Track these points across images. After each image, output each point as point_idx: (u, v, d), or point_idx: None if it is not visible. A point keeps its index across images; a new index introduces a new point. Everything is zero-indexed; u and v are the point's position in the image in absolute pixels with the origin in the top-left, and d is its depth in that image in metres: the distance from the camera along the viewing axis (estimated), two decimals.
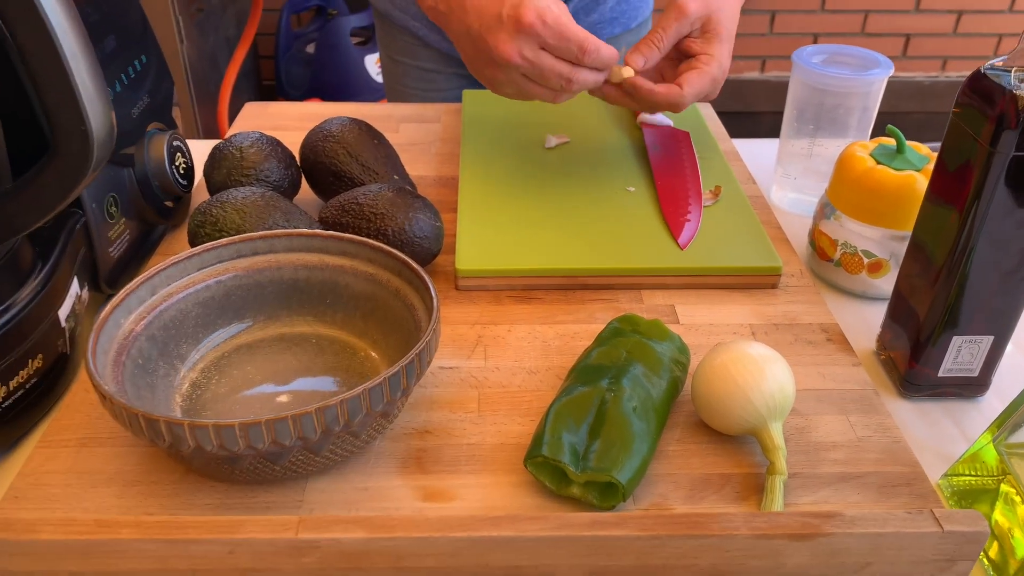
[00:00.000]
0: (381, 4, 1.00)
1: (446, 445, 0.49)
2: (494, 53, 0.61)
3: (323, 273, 0.55)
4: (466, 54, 0.66)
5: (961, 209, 0.49)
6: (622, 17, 0.99)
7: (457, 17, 0.65)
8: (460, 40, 0.66)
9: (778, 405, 0.47)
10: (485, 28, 0.62)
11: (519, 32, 0.60)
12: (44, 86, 0.42)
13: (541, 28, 0.60)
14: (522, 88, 0.64)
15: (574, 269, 0.61)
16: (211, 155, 0.67)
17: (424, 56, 0.99)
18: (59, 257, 0.54)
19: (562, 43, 0.61)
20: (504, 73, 0.63)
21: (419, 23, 0.96)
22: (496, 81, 0.64)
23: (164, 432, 0.40)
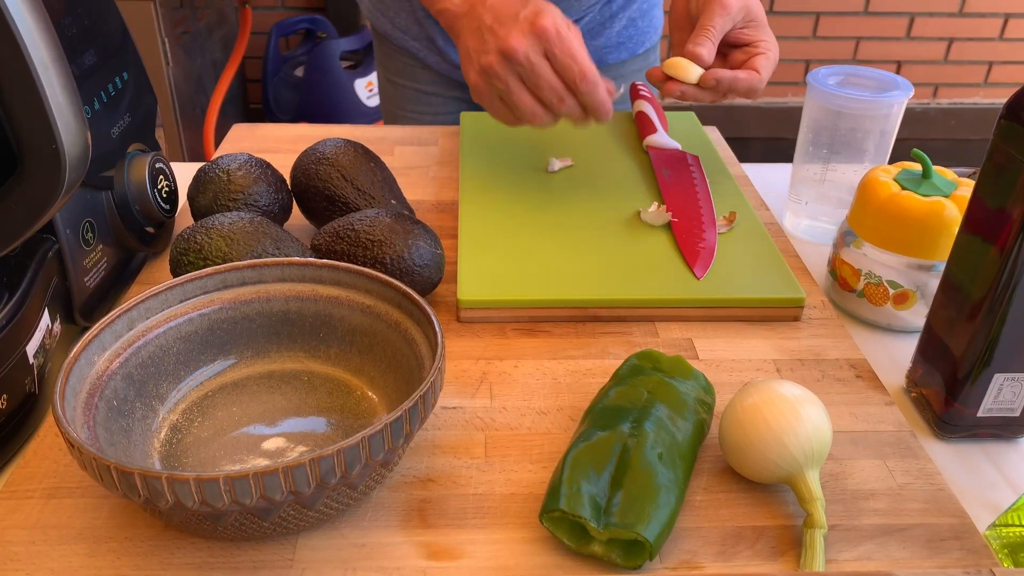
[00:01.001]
0: (380, 25, 0.97)
1: (451, 495, 0.44)
2: (503, 44, 0.60)
3: (316, 305, 0.51)
4: (468, 51, 0.64)
5: (1003, 244, 0.46)
6: (629, 42, 0.96)
7: (473, 14, 0.64)
8: (466, 38, 0.64)
9: (815, 451, 0.43)
10: (499, 23, 0.62)
11: (532, 32, 0.60)
12: (11, 100, 0.38)
13: (554, 37, 0.60)
14: (510, 89, 0.62)
15: (584, 300, 0.58)
16: (196, 178, 0.63)
17: (423, 78, 0.96)
18: (28, 287, 0.49)
19: (567, 60, 0.60)
20: (502, 66, 0.61)
21: (418, 44, 0.94)
22: (488, 72, 0.62)
23: (139, 486, 0.36)
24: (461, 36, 0.65)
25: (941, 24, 2.31)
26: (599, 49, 0.95)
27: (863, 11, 2.28)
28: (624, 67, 0.97)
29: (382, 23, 0.96)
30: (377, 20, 0.97)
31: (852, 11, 2.28)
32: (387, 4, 0.94)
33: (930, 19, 2.31)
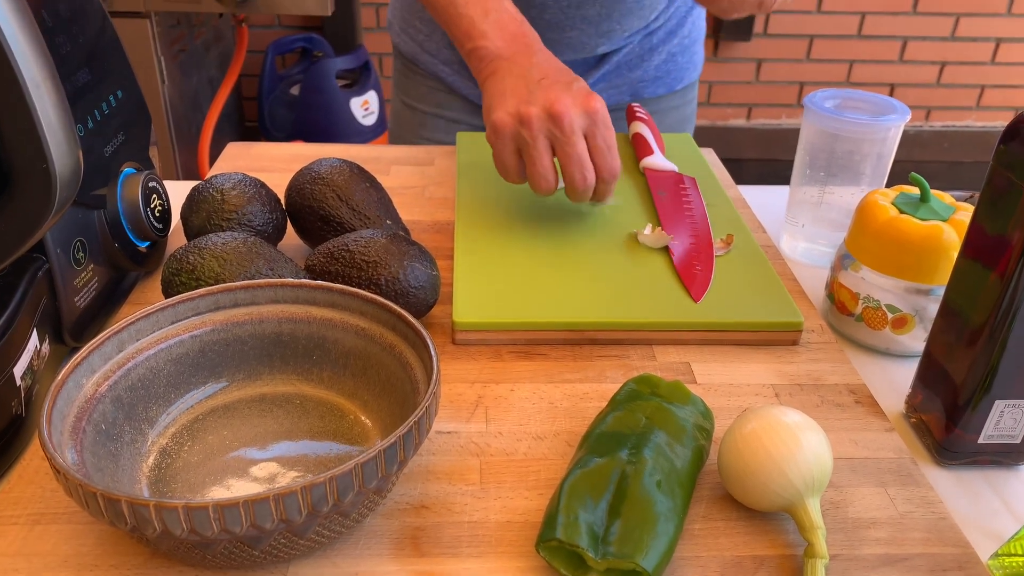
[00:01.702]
0: (407, 48, 0.96)
1: (445, 523, 0.43)
2: (553, 104, 0.60)
3: (309, 327, 0.50)
4: (504, 91, 0.63)
5: (1003, 270, 0.46)
6: (667, 77, 0.95)
7: (519, 62, 0.65)
8: (504, 79, 0.64)
9: (816, 479, 0.42)
10: (549, 83, 0.62)
11: (583, 108, 0.61)
12: (2, 120, 0.37)
13: (601, 121, 0.61)
14: (536, 145, 0.62)
15: (581, 323, 0.57)
16: (189, 197, 0.62)
17: (448, 104, 0.95)
18: (17, 307, 0.48)
19: (604, 147, 0.62)
20: (540, 121, 0.61)
21: (449, 68, 0.92)
22: (523, 119, 0.61)
23: (127, 514, 0.35)
24: (498, 75, 0.65)
25: (934, 48, 2.33)
26: (636, 82, 0.94)
27: (856, 34, 2.30)
28: (660, 102, 0.96)
29: (410, 46, 0.95)
30: (404, 43, 0.96)
31: (846, 34, 2.30)
32: (417, 27, 0.93)
33: (923, 43, 2.33)
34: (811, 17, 2.27)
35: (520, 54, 0.66)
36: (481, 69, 0.68)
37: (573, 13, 0.85)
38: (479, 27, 0.68)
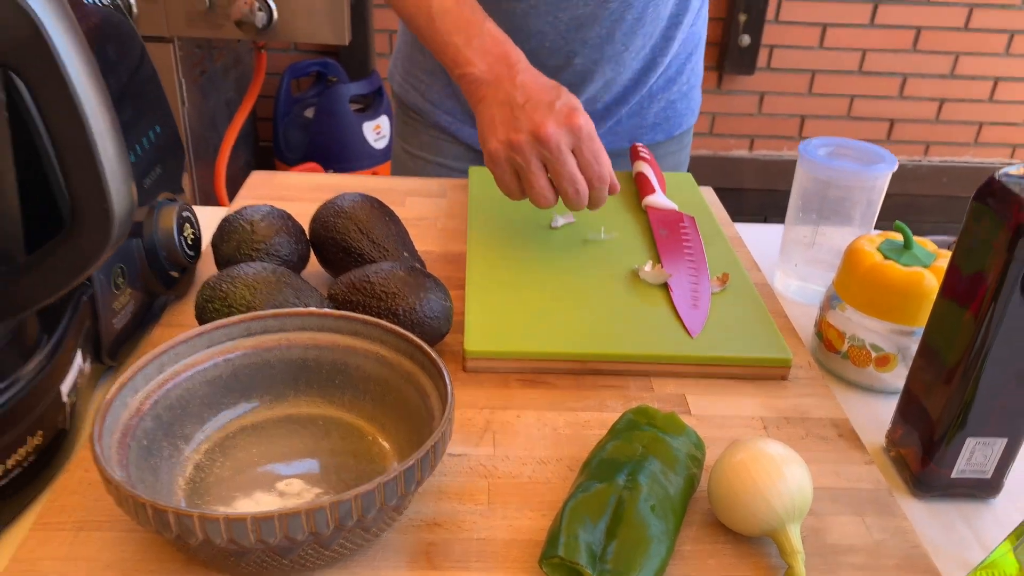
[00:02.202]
0: (411, 99, 0.99)
1: (456, 539, 0.47)
2: (537, 128, 0.65)
3: (333, 353, 0.54)
4: (493, 119, 0.68)
5: (976, 311, 0.50)
6: (666, 124, 0.98)
7: (502, 86, 0.69)
8: (492, 107, 0.69)
9: (796, 507, 0.46)
10: (533, 106, 0.66)
11: (567, 126, 0.65)
12: (70, 166, 0.41)
13: (586, 136, 0.65)
14: (531, 168, 0.66)
15: (584, 354, 0.61)
16: (220, 227, 0.66)
17: (451, 152, 0.98)
18: (65, 330, 0.52)
19: (591, 159, 0.66)
20: (530, 146, 0.65)
21: (451, 117, 0.96)
22: (515, 146, 0.66)
23: (172, 523, 0.39)
24: (485, 103, 0.69)
25: (933, 85, 2.39)
26: (635, 129, 0.97)
27: (857, 70, 2.35)
28: (657, 148, 0.99)
29: (413, 97, 0.98)
30: (407, 94, 0.99)
31: (847, 70, 2.35)
32: (419, 78, 0.96)
33: (922, 80, 2.38)
34: (813, 53, 2.32)
35: (503, 78, 0.69)
36: (470, 94, 0.72)
37: (573, 37, 0.86)
38: (464, 54, 0.71)
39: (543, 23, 0.85)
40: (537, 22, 0.85)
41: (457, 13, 0.73)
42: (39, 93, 0.39)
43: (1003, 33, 2.32)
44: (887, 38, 2.31)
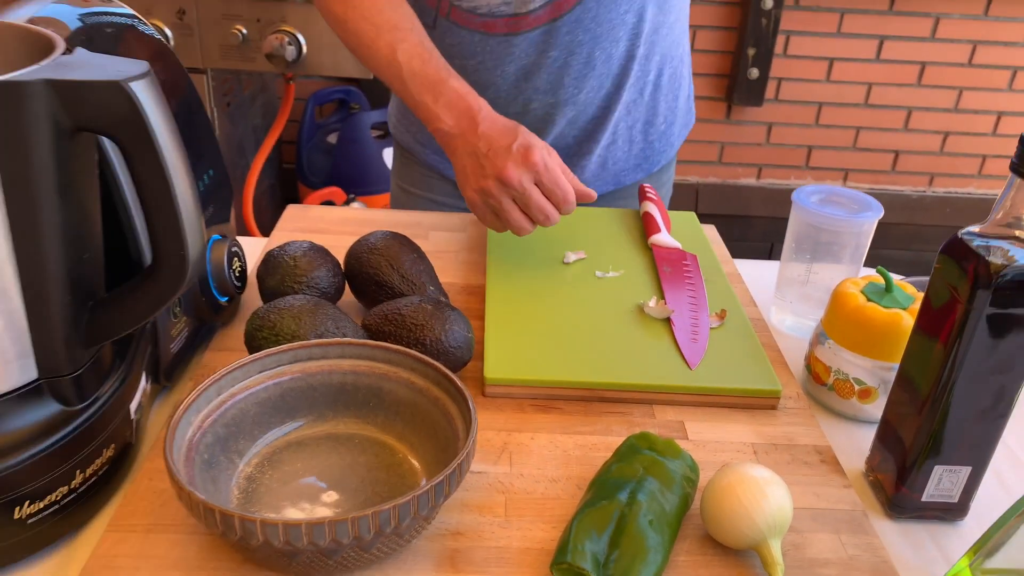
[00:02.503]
0: (403, 139, 1.08)
1: (476, 547, 0.54)
2: (500, 172, 0.74)
3: (369, 379, 0.61)
4: (464, 169, 0.78)
5: (943, 352, 0.56)
6: (645, 163, 1.05)
7: (467, 139, 0.77)
8: (462, 158, 0.78)
9: (777, 524, 0.52)
10: (494, 153, 0.75)
11: (525, 164, 0.74)
12: (155, 218, 0.48)
13: (543, 169, 0.74)
14: (504, 208, 0.76)
15: (592, 383, 0.67)
16: (265, 261, 0.73)
17: (439, 189, 1.07)
18: (134, 356, 0.59)
19: (553, 187, 0.75)
20: (498, 190, 0.75)
21: (438, 156, 1.04)
22: (486, 192, 0.76)
23: (237, 527, 0.46)
24: (457, 155, 0.78)
25: (937, 118, 2.45)
26: (618, 173, 1.04)
27: (863, 103, 2.42)
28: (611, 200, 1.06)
29: (406, 138, 1.07)
30: (401, 135, 1.08)
31: (853, 103, 2.42)
32: (411, 120, 1.05)
33: (927, 113, 2.44)
34: (820, 85, 2.39)
35: (468, 130, 0.77)
36: (444, 147, 0.80)
37: (523, 86, 0.94)
38: (434, 111, 0.79)
39: (493, 76, 0.93)
40: (488, 76, 0.93)
41: (424, 74, 0.80)
42: (134, 159, 0.47)
43: (1006, 69, 2.38)
44: (892, 73, 2.38)
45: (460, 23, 0.90)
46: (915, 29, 2.32)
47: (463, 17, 0.90)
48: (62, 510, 0.53)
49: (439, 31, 0.91)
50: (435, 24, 0.91)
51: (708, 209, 2.44)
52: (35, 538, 0.52)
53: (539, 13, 0.88)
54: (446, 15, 0.90)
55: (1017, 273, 0.52)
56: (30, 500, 0.50)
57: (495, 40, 0.90)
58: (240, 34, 1.61)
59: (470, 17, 0.89)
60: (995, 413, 0.57)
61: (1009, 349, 0.54)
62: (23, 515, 0.50)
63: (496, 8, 0.88)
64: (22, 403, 0.51)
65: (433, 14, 0.90)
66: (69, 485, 0.52)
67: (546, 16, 0.89)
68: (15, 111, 0.44)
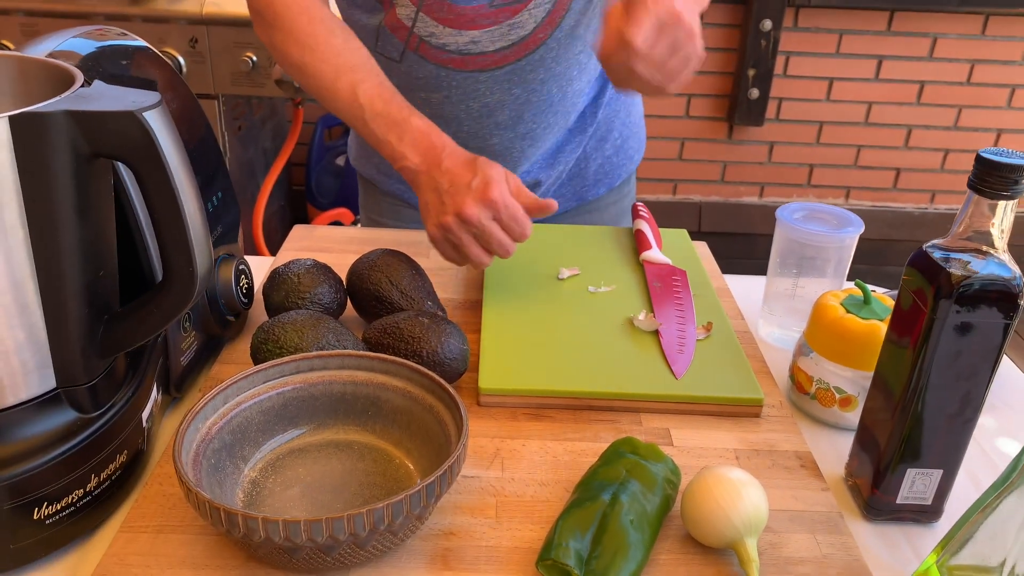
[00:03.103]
0: (367, 172, 1.11)
1: (468, 546, 0.57)
2: (459, 209, 0.75)
3: (367, 388, 0.64)
4: (427, 205, 0.79)
5: (912, 359, 0.59)
6: (606, 178, 1.10)
7: (431, 175, 0.79)
8: (426, 193, 0.79)
9: (753, 523, 0.55)
10: (455, 189, 0.77)
11: (482, 202, 0.75)
12: (166, 236, 0.52)
13: (501, 206, 0.75)
14: (464, 243, 0.77)
15: (582, 392, 0.70)
16: (271, 278, 0.77)
17: (407, 216, 1.10)
18: (146, 367, 0.63)
19: (511, 223, 0.77)
20: (458, 226, 0.76)
21: (402, 186, 1.08)
22: (446, 228, 0.77)
23: (241, 524, 0.49)
24: (421, 190, 0.80)
25: (937, 136, 2.48)
26: (579, 189, 1.08)
27: (863, 122, 2.45)
28: (601, 201, 1.11)
29: (367, 169, 1.11)
30: (363, 166, 1.11)
31: (853, 121, 2.45)
32: (370, 152, 1.08)
33: (927, 131, 2.47)
34: (820, 105, 2.43)
35: (432, 166, 0.79)
36: (410, 183, 0.82)
37: (486, 121, 0.97)
38: (399, 149, 0.81)
39: (458, 110, 0.97)
40: (453, 109, 0.97)
41: (387, 114, 0.81)
42: (146, 182, 0.50)
43: (1005, 87, 2.41)
44: (892, 92, 2.41)
45: (428, 58, 0.93)
46: (913, 49, 2.36)
47: (431, 53, 0.92)
48: (78, 512, 0.56)
49: (405, 64, 0.94)
50: (402, 57, 0.94)
51: (711, 227, 2.47)
52: (53, 538, 0.55)
53: (506, 52, 0.92)
54: (414, 49, 0.92)
55: (977, 283, 0.55)
56: (48, 502, 0.54)
57: (461, 76, 0.94)
58: (250, 61, 1.67)
59: (438, 53, 0.92)
60: (962, 418, 0.59)
61: (972, 356, 0.57)
62: (42, 516, 0.54)
63: (464, 47, 0.91)
64: (41, 410, 0.54)
65: (401, 48, 0.93)
66: (85, 488, 0.56)
67: (512, 56, 0.92)
68: (38, 140, 0.47)
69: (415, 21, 0.89)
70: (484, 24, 0.90)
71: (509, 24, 0.90)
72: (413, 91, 0.92)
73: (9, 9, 1.64)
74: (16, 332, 0.51)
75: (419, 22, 0.89)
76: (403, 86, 0.91)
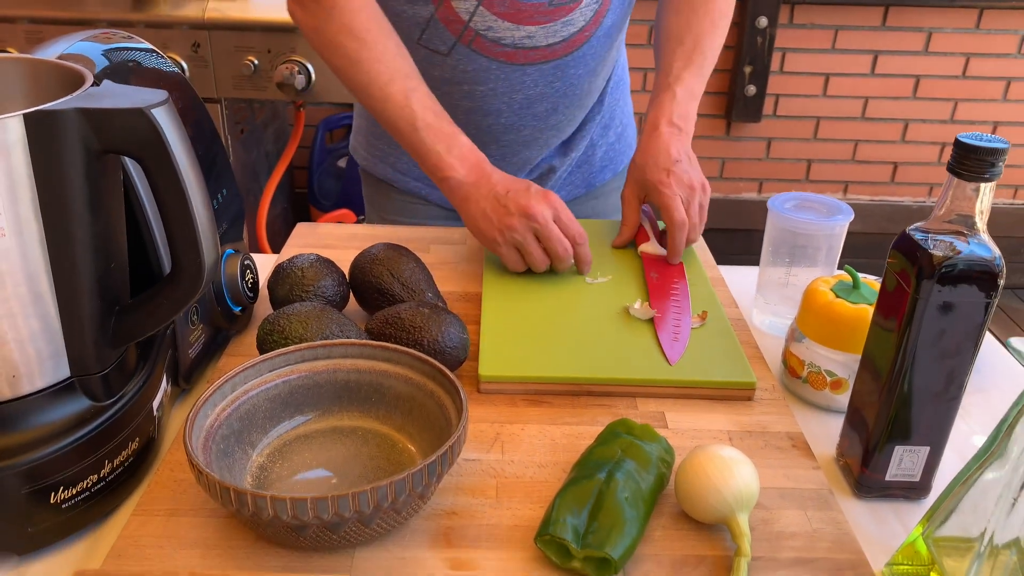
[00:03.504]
0: (379, 171, 1.12)
1: (470, 525, 0.59)
2: (526, 209, 0.81)
3: (370, 376, 0.66)
4: (483, 212, 0.84)
5: (897, 339, 0.61)
6: (611, 163, 1.14)
7: (482, 185, 0.85)
8: (479, 202, 0.85)
9: (744, 498, 0.57)
10: (514, 193, 0.83)
11: (544, 201, 0.82)
12: (174, 229, 0.54)
13: (561, 208, 0.82)
14: (527, 242, 0.83)
15: (579, 378, 0.72)
16: (275, 272, 0.79)
17: (423, 213, 1.12)
18: (155, 358, 0.65)
19: (570, 223, 0.83)
20: (523, 225, 0.81)
21: (421, 183, 1.09)
22: (510, 228, 0.83)
23: (249, 503, 0.51)
24: (471, 200, 0.85)
25: (934, 130, 2.49)
26: (587, 176, 1.12)
27: (860, 117, 2.47)
28: (606, 187, 1.15)
29: (381, 169, 1.11)
30: (374, 166, 1.12)
31: (850, 116, 2.47)
32: (386, 151, 1.09)
33: (923, 125, 2.49)
34: (817, 100, 2.44)
35: (482, 179, 0.85)
36: (453, 194, 0.87)
37: (525, 113, 1.01)
38: (446, 160, 0.86)
39: (500, 103, 1.00)
40: (495, 102, 0.99)
41: (438, 127, 0.86)
42: (155, 176, 0.52)
43: (1000, 80, 2.43)
44: (888, 86, 2.43)
45: (481, 51, 0.95)
46: (908, 43, 2.37)
47: (485, 46, 0.94)
48: (92, 497, 0.58)
49: (453, 58, 0.96)
50: (451, 51, 0.95)
51: (710, 224, 2.48)
52: (69, 522, 0.57)
53: (555, 47, 0.95)
54: (468, 43, 0.94)
55: (960, 264, 0.57)
56: (64, 487, 0.56)
57: (510, 69, 0.96)
58: (252, 64, 1.69)
59: (492, 47, 0.94)
60: (947, 395, 0.61)
61: (955, 334, 0.59)
62: (58, 500, 0.56)
63: (519, 41, 0.94)
64: (56, 399, 0.56)
65: (452, 41, 0.94)
66: (99, 474, 0.58)
67: (561, 51, 0.96)
68: (51, 137, 0.50)
69: (473, 15, 0.91)
70: (541, 20, 0.93)
71: (563, 21, 0.94)
72: (457, 84, 0.94)
73: (14, 17, 1.66)
74: (31, 322, 0.53)
75: (477, 16, 0.91)
76: (447, 79, 0.95)
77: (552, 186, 1.11)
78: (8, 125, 0.48)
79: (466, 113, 0.99)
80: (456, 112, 0.89)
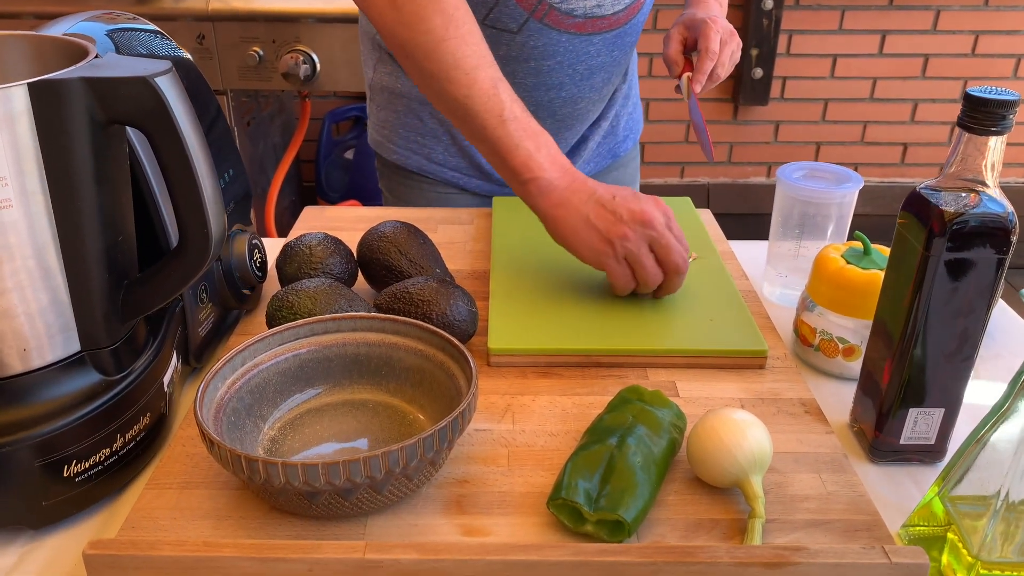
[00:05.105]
0: (412, 162, 1.08)
1: (482, 492, 0.58)
2: (641, 215, 0.73)
3: (380, 349, 0.66)
4: (587, 218, 0.75)
5: (909, 300, 0.60)
6: (631, 133, 1.15)
7: (579, 189, 0.76)
8: (581, 208, 0.75)
9: (757, 460, 0.56)
10: (622, 198, 0.74)
11: (658, 207, 0.74)
12: (180, 200, 0.54)
13: (671, 214, 0.75)
14: (642, 255, 0.73)
15: (589, 349, 0.72)
16: (284, 250, 0.79)
17: (459, 201, 1.09)
18: (164, 334, 0.65)
19: (681, 235, 0.75)
20: (635, 232, 0.73)
21: (458, 173, 1.07)
22: (623, 237, 0.73)
23: (261, 470, 0.51)
24: (567, 205, 0.75)
25: (943, 109, 2.47)
26: (613, 146, 1.12)
27: (869, 98, 2.45)
28: (627, 156, 1.16)
29: (415, 161, 1.08)
30: (407, 159, 1.08)
31: (859, 98, 2.45)
32: (420, 142, 1.06)
33: (933, 105, 2.47)
34: (825, 82, 2.43)
35: (576, 182, 0.76)
36: (544, 198, 0.77)
37: (584, 84, 1.01)
38: (535, 158, 0.76)
39: (564, 75, 0.99)
40: (559, 75, 0.99)
41: (526, 122, 0.78)
42: (160, 146, 0.52)
43: (1010, 57, 2.40)
44: (896, 66, 2.41)
45: (553, 24, 0.93)
46: (916, 22, 2.35)
47: (557, 19, 0.93)
48: (106, 471, 0.58)
49: (523, 35, 0.93)
50: (521, 28, 0.92)
51: (720, 208, 2.48)
52: (82, 496, 0.57)
53: (619, 15, 0.96)
54: (540, 18, 0.92)
55: (972, 220, 0.56)
56: (77, 460, 0.56)
57: (578, 40, 0.96)
58: (257, 55, 1.69)
59: (564, 18, 0.93)
60: (961, 355, 0.60)
61: (968, 292, 0.58)
62: (71, 473, 0.56)
63: (590, 10, 0.94)
64: (67, 372, 0.56)
65: (524, 17, 0.91)
66: (111, 448, 0.58)
67: (623, 19, 0.97)
68: (56, 107, 0.50)
69: None
70: None
71: None
72: (523, 62, 0.93)
73: (18, 12, 1.67)
74: (40, 295, 0.53)
75: None
76: (512, 57, 0.94)
77: (584, 158, 1.11)
78: (13, 94, 0.48)
79: (528, 90, 0.97)
80: (518, 90, 0.81)
